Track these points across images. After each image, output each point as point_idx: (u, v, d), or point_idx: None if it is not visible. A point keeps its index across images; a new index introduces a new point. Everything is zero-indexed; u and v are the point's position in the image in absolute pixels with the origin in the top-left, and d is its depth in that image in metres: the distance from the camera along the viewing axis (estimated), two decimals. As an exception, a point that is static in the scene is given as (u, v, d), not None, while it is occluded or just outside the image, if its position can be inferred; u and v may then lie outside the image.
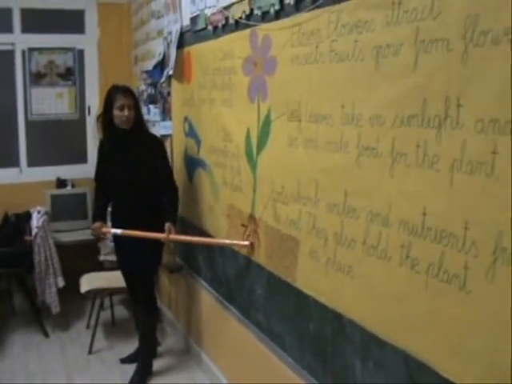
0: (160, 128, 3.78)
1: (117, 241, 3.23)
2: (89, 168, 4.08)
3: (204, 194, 3.11)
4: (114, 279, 3.56)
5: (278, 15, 2.14)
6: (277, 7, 2.13)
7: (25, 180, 4.55)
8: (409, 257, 1.55)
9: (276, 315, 2.36)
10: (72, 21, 4.66)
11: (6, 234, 3.97)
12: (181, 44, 3.28)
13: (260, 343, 2.53)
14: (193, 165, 3.27)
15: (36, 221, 3.78)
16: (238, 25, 2.47)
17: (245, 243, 2.55)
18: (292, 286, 2.19)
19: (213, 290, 3.10)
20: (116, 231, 3.04)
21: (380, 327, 1.69)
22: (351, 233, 1.80)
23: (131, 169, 3.02)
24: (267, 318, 2.45)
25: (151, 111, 3.99)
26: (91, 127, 4.72)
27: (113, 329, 3.98)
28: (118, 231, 3.00)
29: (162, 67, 3.59)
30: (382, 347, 1.68)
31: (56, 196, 4.43)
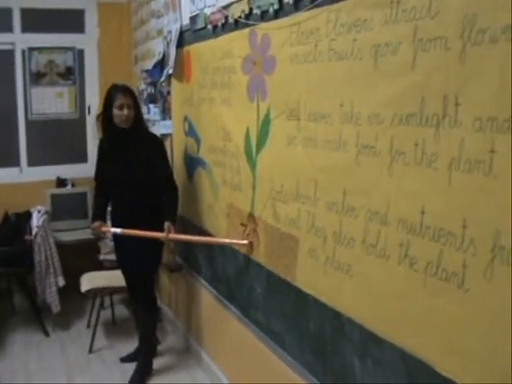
0: (160, 127, 3.78)
1: (117, 240, 3.24)
2: (89, 167, 4.09)
3: (204, 194, 3.11)
4: (114, 278, 3.57)
5: (277, 14, 2.15)
6: (276, 6, 2.13)
7: (25, 179, 4.55)
8: (407, 255, 1.55)
9: (276, 314, 2.36)
10: (72, 20, 4.66)
11: (7, 234, 3.97)
12: (180, 43, 3.28)
13: (260, 342, 2.54)
14: (192, 164, 3.27)
15: (36, 220, 3.79)
16: (238, 24, 2.47)
17: (244, 242, 2.55)
18: (291, 285, 2.19)
19: (213, 289, 3.10)
20: (115, 230, 3.04)
21: (379, 326, 1.70)
22: (350, 231, 1.80)
23: (131, 168, 3.02)
24: (267, 317, 2.45)
25: (151, 110, 3.99)
26: (91, 126, 4.73)
27: (113, 328, 3.99)
28: (118, 230, 3.01)
29: (162, 66, 3.59)
30: (381, 345, 1.68)
31: (56, 195, 4.43)
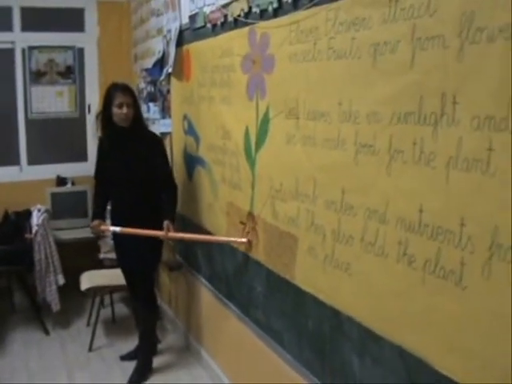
0: (159, 126, 3.78)
1: (116, 238, 3.24)
2: (89, 166, 4.09)
3: (203, 192, 3.11)
4: (114, 277, 3.57)
5: (276, 13, 2.15)
6: (275, 5, 2.13)
7: (25, 178, 4.55)
8: (406, 253, 1.55)
9: (275, 312, 2.37)
10: (72, 19, 4.66)
11: (7, 232, 3.98)
12: (180, 42, 3.28)
13: (259, 340, 2.54)
14: (192, 163, 3.28)
15: (36, 219, 3.79)
16: (237, 23, 2.47)
17: (242, 240, 2.56)
18: (291, 283, 2.20)
19: (212, 288, 3.10)
20: (115, 229, 3.05)
21: (377, 324, 1.70)
22: (349, 230, 1.80)
23: (130, 167, 3.02)
24: (266, 315, 2.45)
25: (151, 109, 3.99)
26: (91, 125, 4.72)
27: (113, 326, 3.99)
28: (117, 229, 3.01)
29: (162, 65, 3.59)
30: (380, 343, 1.69)
31: (56, 194, 4.44)
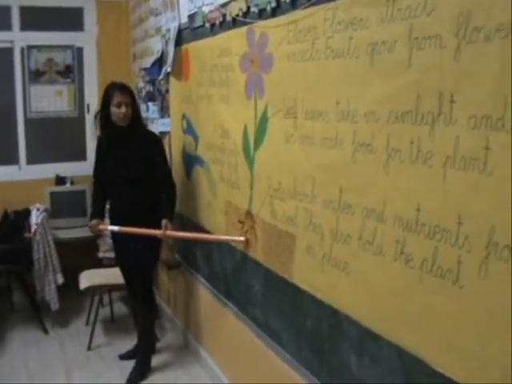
0: (158, 125, 3.79)
1: (115, 237, 3.24)
2: (88, 165, 4.08)
3: (202, 191, 3.12)
4: (113, 276, 3.57)
5: (275, 12, 2.15)
6: (273, 5, 2.14)
7: (24, 177, 4.55)
8: (403, 252, 1.56)
9: (273, 311, 2.37)
10: (71, 18, 4.66)
11: (6, 231, 3.98)
12: (179, 41, 3.28)
13: (257, 339, 2.55)
14: (191, 162, 3.28)
15: (35, 218, 3.79)
16: (235, 22, 2.47)
17: (240, 239, 2.56)
18: (289, 282, 2.20)
19: (211, 287, 3.11)
20: (113, 228, 3.05)
21: (375, 323, 1.71)
22: (347, 229, 1.81)
23: (129, 166, 3.02)
24: (264, 314, 2.46)
25: (150, 108, 3.99)
26: (90, 125, 4.73)
27: (112, 325, 4.00)
28: (115, 228, 3.01)
29: (161, 64, 3.59)
30: (378, 342, 1.69)
31: (55, 193, 4.44)
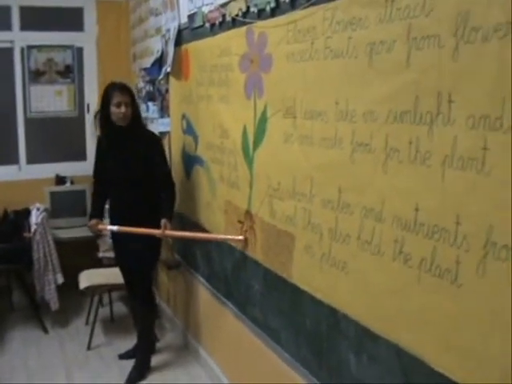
0: (158, 125, 3.79)
1: (115, 237, 3.24)
2: (88, 165, 4.09)
3: (201, 191, 3.12)
4: (113, 276, 3.57)
5: (274, 13, 2.16)
6: (272, 5, 2.14)
7: (24, 177, 4.56)
8: (402, 252, 1.56)
9: (272, 311, 2.38)
10: (71, 18, 4.66)
11: (5, 231, 3.98)
12: (178, 41, 3.29)
13: (257, 338, 2.55)
14: (190, 161, 3.28)
15: (35, 217, 3.79)
16: (235, 22, 2.48)
17: (239, 238, 2.57)
18: (288, 282, 2.21)
19: (210, 287, 3.11)
20: (112, 228, 3.05)
21: (374, 322, 1.71)
22: (345, 228, 1.81)
23: (128, 165, 3.02)
24: (264, 314, 2.46)
25: (150, 108, 4.00)
26: (90, 124, 4.72)
27: (111, 325, 4.00)
28: (114, 228, 3.01)
29: (160, 64, 3.59)
30: (376, 342, 1.70)
31: (55, 193, 4.44)
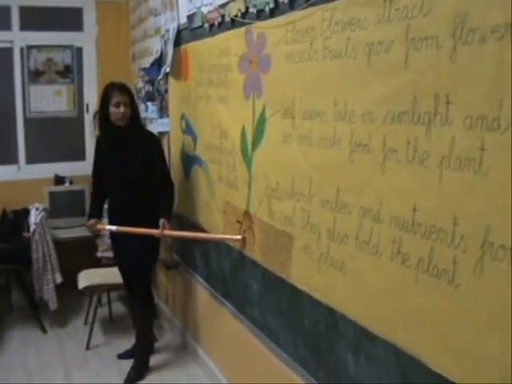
0: (157, 125, 3.79)
1: (114, 237, 3.24)
2: (87, 165, 4.09)
3: (200, 191, 3.12)
4: (112, 275, 3.57)
5: (273, 13, 2.16)
6: (271, 5, 2.14)
7: (23, 177, 4.56)
8: (400, 252, 1.57)
9: (271, 311, 2.38)
10: (70, 18, 4.66)
11: (4, 231, 3.98)
12: (178, 42, 3.29)
13: (255, 338, 2.55)
14: (189, 162, 3.29)
15: (34, 217, 3.80)
16: (234, 23, 2.48)
17: (237, 237, 2.58)
18: (286, 282, 2.21)
19: (209, 287, 3.12)
20: (110, 228, 3.05)
21: (372, 322, 1.71)
22: (344, 228, 1.81)
23: (127, 165, 3.03)
24: (262, 314, 2.47)
25: (149, 108, 4.00)
26: (89, 124, 4.73)
27: (110, 325, 4.00)
28: (113, 228, 3.01)
29: (160, 65, 3.60)
30: (374, 342, 1.70)
31: (54, 193, 4.44)
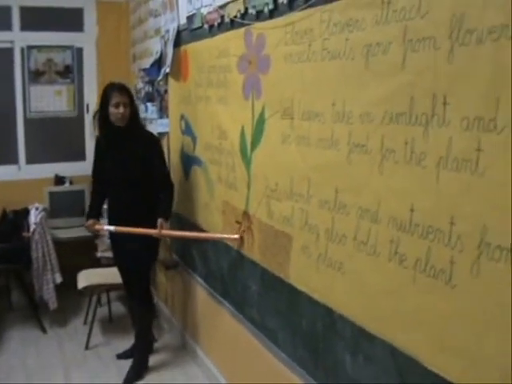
0: (157, 126, 3.80)
1: (113, 237, 3.25)
2: (87, 165, 4.10)
3: (200, 191, 3.13)
4: (111, 275, 3.58)
5: (272, 14, 2.17)
6: (271, 6, 2.15)
7: (23, 177, 4.56)
8: (397, 252, 1.57)
9: (270, 311, 2.38)
10: (71, 19, 4.67)
11: (4, 231, 3.99)
12: (178, 42, 3.30)
13: (254, 338, 2.56)
14: (189, 162, 3.29)
15: (34, 217, 3.80)
16: (233, 24, 2.49)
17: (235, 237, 2.59)
18: (285, 282, 2.21)
19: (208, 287, 3.12)
20: (109, 228, 3.06)
21: (370, 322, 1.72)
22: (342, 229, 1.82)
23: (126, 166, 3.03)
24: (261, 314, 2.47)
25: (149, 109, 4.00)
26: (89, 125, 4.74)
27: (109, 325, 4.01)
28: (111, 228, 3.02)
29: (160, 65, 3.60)
30: (372, 342, 1.71)
31: (54, 193, 4.45)
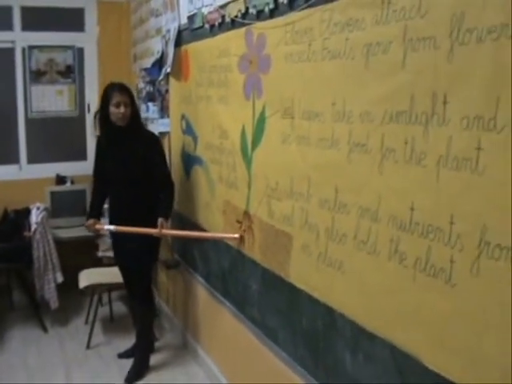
0: (158, 125, 3.80)
1: (114, 237, 3.26)
2: (88, 165, 4.10)
3: (200, 191, 3.13)
4: (112, 275, 3.58)
5: (273, 14, 2.17)
6: (271, 6, 2.16)
7: (24, 177, 4.57)
8: (397, 251, 1.57)
9: (270, 310, 2.39)
10: (72, 19, 4.68)
11: (6, 230, 4.00)
12: (178, 42, 3.30)
13: (254, 337, 2.56)
14: (190, 162, 3.30)
15: (35, 217, 3.81)
16: (234, 23, 2.49)
17: (235, 236, 2.60)
18: (285, 281, 2.22)
19: (209, 286, 3.13)
20: (109, 227, 3.06)
21: (370, 321, 1.72)
22: (342, 228, 1.82)
23: (127, 165, 3.04)
24: (261, 313, 2.47)
25: (150, 109, 4.01)
26: (90, 124, 4.74)
27: (111, 324, 4.02)
28: (112, 227, 3.02)
29: (161, 65, 3.61)
30: (372, 341, 1.71)
31: (55, 193, 4.45)
